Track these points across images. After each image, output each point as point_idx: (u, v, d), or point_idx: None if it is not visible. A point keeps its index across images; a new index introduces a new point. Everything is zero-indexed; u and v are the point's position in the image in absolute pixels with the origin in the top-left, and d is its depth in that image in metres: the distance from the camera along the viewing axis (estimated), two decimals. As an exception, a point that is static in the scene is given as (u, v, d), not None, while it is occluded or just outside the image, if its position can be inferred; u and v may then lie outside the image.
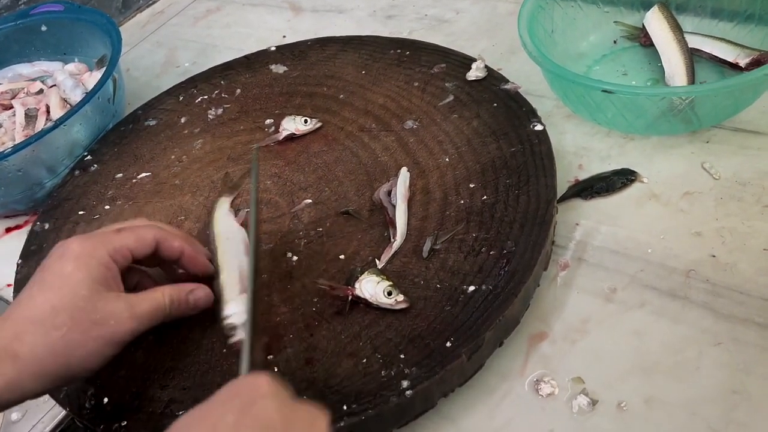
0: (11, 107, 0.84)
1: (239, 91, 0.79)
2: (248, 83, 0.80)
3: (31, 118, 0.82)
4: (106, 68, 0.75)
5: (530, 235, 0.53)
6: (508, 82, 0.67)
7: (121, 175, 0.72)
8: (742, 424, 0.44)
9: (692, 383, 0.47)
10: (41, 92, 0.86)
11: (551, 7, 0.71)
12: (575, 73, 0.60)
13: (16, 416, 0.58)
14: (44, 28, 0.90)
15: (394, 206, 0.58)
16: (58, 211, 0.69)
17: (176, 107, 0.79)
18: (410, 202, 0.59)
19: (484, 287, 0.50)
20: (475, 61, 0.70)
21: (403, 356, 0.47)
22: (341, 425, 0.44)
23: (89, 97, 0.72)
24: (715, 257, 0.54)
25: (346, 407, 0.45)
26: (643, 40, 0.72)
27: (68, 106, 0.83)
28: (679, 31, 0.68)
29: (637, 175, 0.61)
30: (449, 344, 0.47)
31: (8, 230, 0.77)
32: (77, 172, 0.74)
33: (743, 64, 0.64)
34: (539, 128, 0.61)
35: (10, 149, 0.68)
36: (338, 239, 0.58)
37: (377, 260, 0.55)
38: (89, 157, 0.75)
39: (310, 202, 0.62)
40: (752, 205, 0.56)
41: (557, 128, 0.68)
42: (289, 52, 0.83)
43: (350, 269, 0.55)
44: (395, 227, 0.56)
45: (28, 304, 0.45)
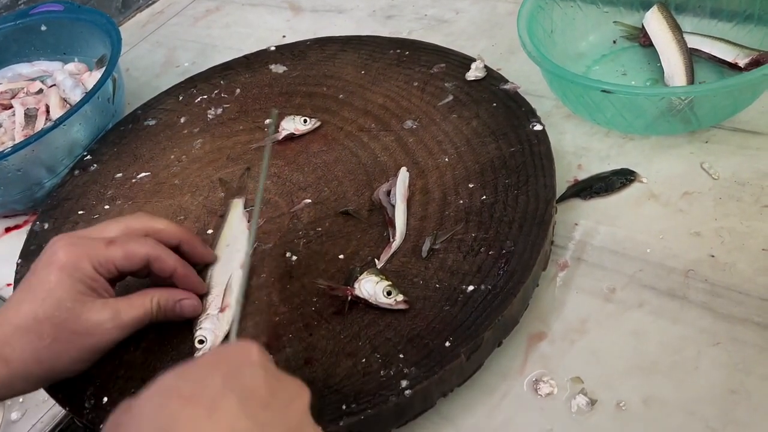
0: (11, 107, 0.84)
1: (239, 91, 0.79)
2: (248, 83, 0.80)
3: (30, 117, 0.82)
4: (105, 68, 0.75)
5: (529, 235, 0.53)
6: (507, 82, 0.67)
7: (120, 174, 0.72)
8: (740, 423, 0.44)
9: (691, 383, 0.47)
10: (41, 92, 0.86)
11: (550, 7, 0.71)
12: (574, 73, 0.60)
13: (15, 415, 0.58)
14: (44, 27, 0.90)
15: (393, 206, 0.58)
16: (57, 210, 0.69)
17: (176, 107, 0.80)
18: (409, 202, 0.59)
19: (483, 287, 0.50)
20: (474, 61, 0.70)
21: (402, 356, 0.47)
22: (340, 425, 0.44)
23: (89, 96, 0.72)
24: (714, 257, 0.54)
25: (345, 407, 0.45)
26: (642, 40, 0.72)
27: (68, 105, 0.83)
28: (678, 31, 0.68)
29: (636, 175, 0.61)
30: (448, 344, 0.47)
31: (8, 230, 0.77)
32: (77, 171, 0.74)
33: (742, 64, 0.64)
34: (538, 128, 0.61)
35: (9, 149, 0.68)
36: (337, 239, 0.58)
37: (376, 260, 0.55)
38: (89, 156, 0.75)
39: (309, 201, 0.62)
40: (751, 205, 0.56)
41: (556, 128, 0.68)
42: (288, 52, 0.83)
43: (349, 269, 0.55)
44: (394, 227, 0.56)
45: (16, 310, 0.46)
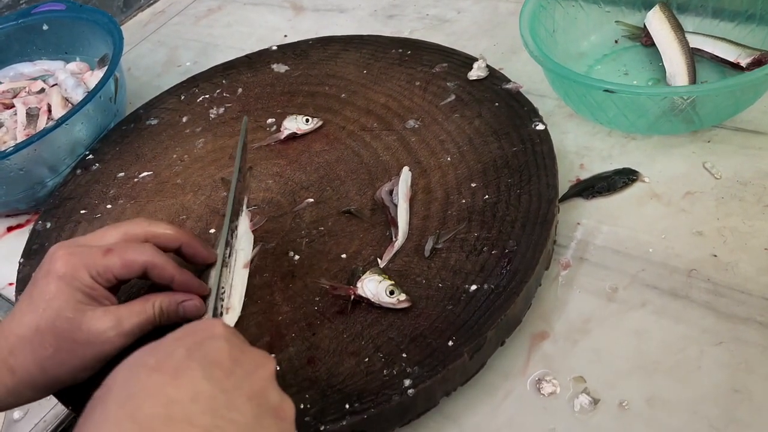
0: (13, 106, 0.84)
1: (241, 90, 0.79)
2: (250, 82, 0.80)
3: (32, 117, 0.82)
4: (107, 67, 0.75)
5: (532, 234, 0.53)
6: (509, 81, 0.67)
7: (122, 174, 0.72)
8: (743, 423, 0.44)
9: (694, 382, 0.47)
10: (43, 91, 0.86)
11: (553, 6, 0.71)
12: (577, 72, 0.60)
13: (18, 415, 0.58)
14: (46, 27, 0.90)
15: (395, 205, 0.58)
16: (59, 210, 0.69)
17: (178, 106, 0.80)
18: (412, 201, 0.59)
19: (486, 286, 0.50)
20: (476, 60, 0.70)
21: (405, 355, 0.47)
22: (343, 424, 0.44)
23: (91, 96, 0.72)
24: (716, 257, 0.54)
25: (348, 406, 0.45)
26: (644, 39, 0.72)
27: (70, 105, 0.83)
28: (680, 30, 0.68)
29: (638, 174, 0.61)
30: (451, 343, 0.47)
31: (10, 229, 0.78)
32: (79, 171, 0.74)
33: (744, 63, 0.64)
34: (541, 128, 0.61)
35: (12, 148, 0.68)
36: (340, 238, 0.58)
37: (379, 259, 0.55)
38: (91, 156, 0.75)
39: (311, 201, 0.62)
40: (753, 204, 0.56)
41: (559, 128, 0.68)
42: (290, 51, 0.83)
43: (352, 268, 0.55)
44: (397, 226, 0.56)
45: (19, 321, 0.46)
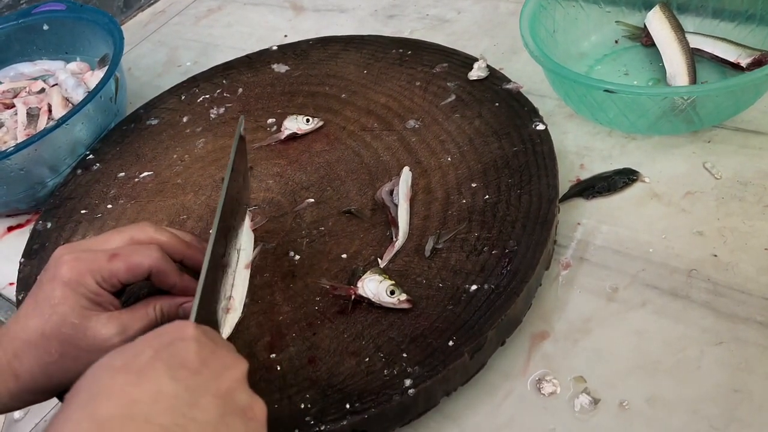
0: (13, 106, 0.84)
1: (241, 90, 0.79)
2: (250, 82, 0.80)
3: (33, 117, 0.82)
4: (108, 67, 0.76)
5: (532, 234, 0.53)
6: (509, 81, 0.68)
7: (123, 174, 0.72)
8: (743, 422, 0.44)
9: (694, 382, 0.47)
10: (43, 91, 0.86)
11: (553, 6, 0.71)
12: (577, 72, 0.60)
13: (18, 415, 0.58)
14: (46, 27, 0.90)
15: (396, 205, 0.58)
16: (60, 210, 0.69)
17: (178, 106, 0.80)
18: (412, 201, 0.59)
19: (486, 286, 0.50)
20: (476, 60, 0.70)
21: (405, 355, 0.47)
22: (344, 424, 0.44)
23: (91, 96, 0.72)
24: (716, 257, 0.54)
25: (349, 406, 0.45)
26: (644, 40, 0.72)
27: (70, 105, 0.83)
28: (680, 31, 0.68)
29: (638, 174, 0.61)
30: (451, 343, 0.47)
31: (10, 229, 0.78)
32: (79, 171, 0.74)
33: (744, 64, 0.64)
34: (541, 128, 0.61)
35: (12, 148, 0.68)
36: (340, 238, 0.58)
37: (379, 259, 0.55)
38: (91, 156, 0.75)
39: (312, 201, 0.62)
40: (753, 204, 0.56)
41: (559, 128, 0.68)
42: (290, 51, 0.83)
43: (352, 268, 0.55)
44: (397, 226, 0.56)
45: (23, 325, 0.46)
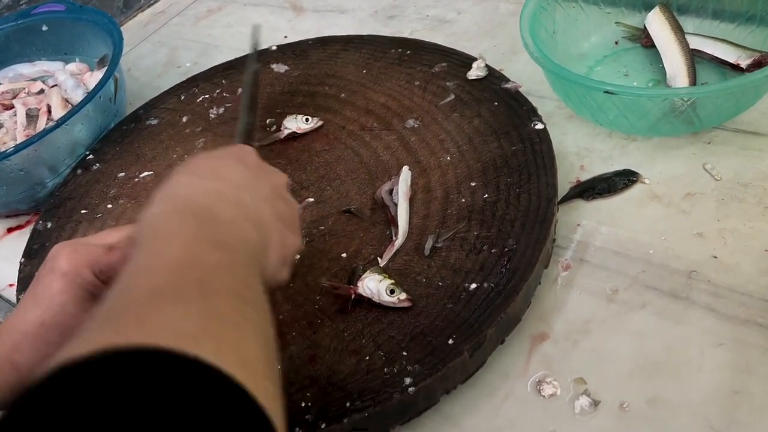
0: (12, 107, 0.84)
1: (240, 90, 0.79)
2: (250, 83, 0.80)
3: (32, 118, 0.82)
4: (107, 68, 0.75)
5: (531, 233, 0.53)
6: (508, 81, 0.68)
7: (123, 174, 0.72)
8: (744, 424, 0.44)
9: (694, 384, 0.47)
10: (42, 92, 0.86)
11: (553, 7, 0.71)
12: (577, 74, 0.60)
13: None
14: (45, 27, 0.90)
15: (395, 205, 0.58)
16: (60, 210, 0.69)
17: (178, 106, 0.80)
18: (412, 200, 0.59)
19: (485, 285, 0.50)
20: (475, 60, 0.70)
21: (405, 353, 0.47)
22: (344, 422, 0.44)
23: (90, 96, 0.72)
24: (716, 258, 0.54)
25: (349, 404, 0.45)
26: (644, 41, 0.72)
27: (69, 105, 0.83)
28: (680, 32, 0.68)
29: (638, 176, 0.61)
30: (451, 341, 0.47)
31: (10, 230, 0.77)
32: (79, 171, 0.74)
33: (744, 65, 0.64)
34: (540, 127, 0.61)
35: (11, 149, 0.68)
36: (340, 237, 0.58)
37: (379, 258, 0.55)
38: (91, 156, 0.75)
39: (312, 200, 0.62)
40: (753, 206, 0.56)
41: (559, 129, 0.68)
42: (290, 51, 0.83)
43: (352, 267, 0.55)
44: (397, 226, 0.56)
45: (23, 318, 0.46)
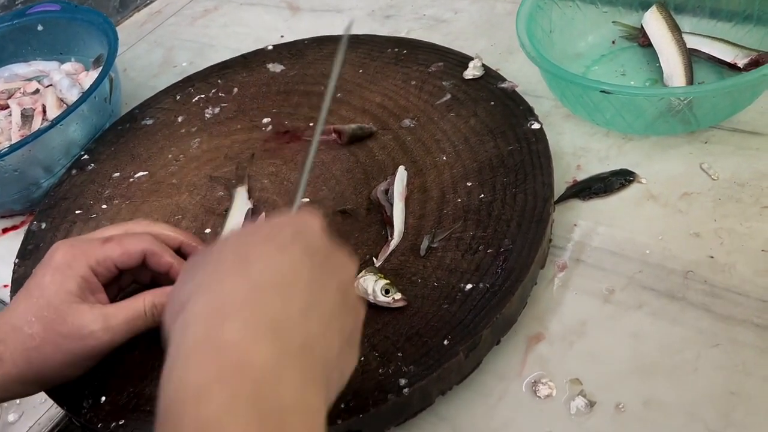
0: (7, 107, 0.84)
1: (236, 90, 0.79)
2: (245, 82, 0.80)
3: (27, 117, 0.81)
4: (102, 68, 0.75)
5: (527, 233, 0.53)
6: (505, 80, 0.67)
7: (118, 174, 0.72)
8: (740, 425, 0.44)
9: (690, 384, 0.46)
10: (37, 92, 0.86)
11: (549, 7, 0.71)
12: (573, 73, 0.60)
13: (13, 417, 0.58)
14: (40, 27, 0.90)
15: (391, 205, 0.57)
16: (55, 210, 0.69)
17: (173, 106, 0.79)
18: (408, 200, 0.59)
19: (481, 285, 0.50)
20: (472, 59, 0.70)
21: (400, 354, 0.47)
22: (339, 423, 0.44)
23: (86, 96, 0.71)
24: (713, 258, 0.53)
25: (344, 405, 0.45)
26: (641, 40, 0.72)
27: (65, 105, 0.82)
28: (677, 31, 0.68)
29: (635, 175, 0.61)
30: (447, 342, 0.47)
31: (5, 230, 0.77)
32: (74, 171, 0.73)
33: (741, 64, 0.64)
34: (536, 126, 0.61)
35: (6, 149, 0.68)
36: (336, 238, 0.57)
37: (375, 258, 0.55)
38: (86, 156, 0.75)
39: (307, 200, 0.62)
40: (750, 206, 0.56)
41: (555, 128, 0.68)
42: (286, 51, 0.82)
43: (348, 268, 0.54)
44: (392, 226, 0.56)
45: (13, 310, 0.46)
